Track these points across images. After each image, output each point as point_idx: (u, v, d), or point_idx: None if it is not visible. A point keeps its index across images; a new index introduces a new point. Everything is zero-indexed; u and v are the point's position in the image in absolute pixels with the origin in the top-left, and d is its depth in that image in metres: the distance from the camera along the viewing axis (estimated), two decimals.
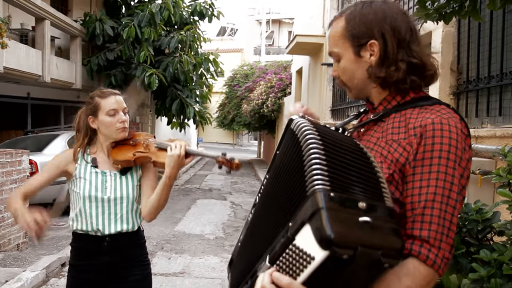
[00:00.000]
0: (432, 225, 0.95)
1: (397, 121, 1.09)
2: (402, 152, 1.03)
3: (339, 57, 1.17)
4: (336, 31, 1.16)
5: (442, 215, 0.96)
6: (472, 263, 1.74)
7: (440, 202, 0.96)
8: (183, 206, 8.92)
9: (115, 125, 1.98)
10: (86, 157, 2.05)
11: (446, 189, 0.97)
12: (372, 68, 1.12)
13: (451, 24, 4.16)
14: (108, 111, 1.97)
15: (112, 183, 2.00)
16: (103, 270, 1.96)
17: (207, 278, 4.93)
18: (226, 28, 33.53)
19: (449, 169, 0.98)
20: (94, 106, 2.00)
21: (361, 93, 1.20)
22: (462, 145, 1.00)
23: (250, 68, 20.70)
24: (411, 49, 1.10)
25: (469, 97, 4.09)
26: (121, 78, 10.13)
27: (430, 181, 0.98)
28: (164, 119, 11.96)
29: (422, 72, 1.11)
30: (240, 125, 20.71)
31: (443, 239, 0.96)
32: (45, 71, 7.98)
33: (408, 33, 1.10)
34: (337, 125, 1.21)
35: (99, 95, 2.02)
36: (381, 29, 1.09)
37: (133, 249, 2.05)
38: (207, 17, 11.19)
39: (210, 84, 12.38)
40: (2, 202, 5.02)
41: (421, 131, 1.01)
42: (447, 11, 2.60)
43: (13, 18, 8.15)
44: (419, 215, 0.97)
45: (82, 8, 10.31)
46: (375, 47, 1.10)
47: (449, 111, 1.05)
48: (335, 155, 0.92)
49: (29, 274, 4.36)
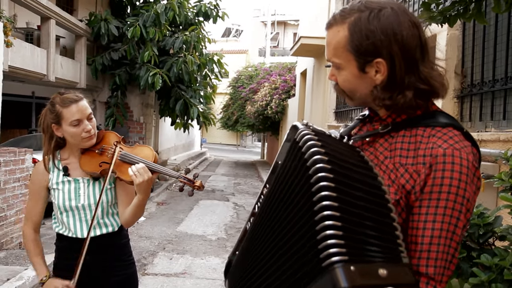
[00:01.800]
0: (438, 261, 0.96)
1: (407, 141, 1.03)
2: (408, 179, 1.00)
3: (340, 67, 1.08)
4: (337, 41, 1.05)
5: (446, 250, 0.96)
6: (473, 267, 1.72)
7: (445, 238, 0.96)
8: (186, 207, 8.92)
9: (80, 135, 1.90)
10: (57, 164, 1.99)
11: (452, 225, 0.96)
12: (377, 91, 1.04)
13: (455, 27, 4.13)
14: (71, 121, 1.87)
15: (85, 190, 1.96)
16: (86, 270, 1.91)
17: (208, 279, 4.93)
18: (231, 29, 33.58)
19: (457, 205, 0.96)
20: (56, 115, 1.89)
21: (364, 104, 1.14)
22: (471, 180, 0.97)
23: (254, 70, 20.71)
24: (419, 70, 1.02)
25: (473, 100, 4.06)
26: (125, 77, 10.15)
27: (437, 217, 0.96)
28: (168, 119, 11.97)
29: (429, 96, 1.05)
30: (244, 126, 20.73)
31: (445, 273, 0.97)
32: (50, 70, 8.01)
33: (418, 50, 1.02)
34: (342, 132, 1.17)
35: (59, 103, 1.88)
36: (389, 50, 1.00)
37: (116, 249, 2.02)
38: (212, 18, 11.19)
39: (214, 85, 12.38)
40: (5, 201, 5.04)
41: (431, 162, 0.97)
42: (452, 14, 2.59)
43: (19, 17, 8.17)
44: (425, 252, 0.97)
45: (88, 7, 10.34)
46: (382, 66, 1.02)
47: (461, 138, 1.00)
48: (348, 195, 0.88)
49: (30, 272, 4.37)
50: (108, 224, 1.99)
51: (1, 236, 5.02)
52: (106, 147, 2.00)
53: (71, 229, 1.96)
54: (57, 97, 1.92)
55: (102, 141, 2.03)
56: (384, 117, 1.11)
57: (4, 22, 5.56)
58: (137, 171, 1.83)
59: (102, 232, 1.96)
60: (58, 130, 1.91)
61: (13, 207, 5.23)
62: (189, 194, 1.91)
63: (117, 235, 2.01)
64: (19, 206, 5.34)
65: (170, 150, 16.07)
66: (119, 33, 9.88)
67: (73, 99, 1.88)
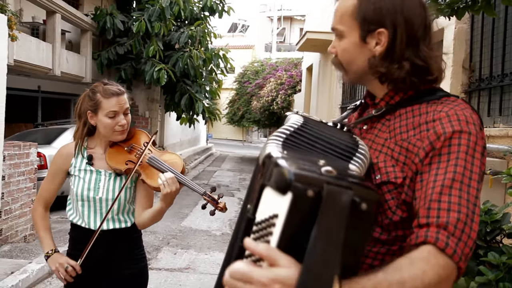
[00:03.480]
0: (451, 213, 0.84)
1: (404, 118, 1.02)
2: (412, 149, 0.97)
3: (342, 35, 1.08)
4: (346, 8, 1.06)
5: (462, 203, 0.85)
6: (479, 266, 1.68)
7: (459, 189, 0.86)
8: (191, 202, 8.91)
9: (113, 128, 1.91)
10: (83, 150, 2.00)
11: (466, 177, 0.88)
12: (374, 60, 1.04)
13: (463, 20, 4.06)
14: (108, 112, 1.89)
15: (105, 184, 1.96)
16: (98, 262, 1.95)
17: (212, 274, 4.91)
18: (237, 24, 33.49)
19: (468, 156, 0.90)
20: (95, 103, 1.91)
21: (359, 79, 1.13)
22: (479, 135, 0.94)
23: (260, 65, 20.66)
24: (419, 48, 1.03)
25: (481, 95, 4.01)
26: (130, 72, 10.14)
27: (448, 168, 0.89)
28: (174, 114, 11.96)
29: (424, 75, 1.03)
30: (250, 122, 20.70)
31: (465, 229, 0.83)
32: (55, 65, 8.00)
33: (421, 30, 1.03)
34: (335, 120, 1.15)
35: (101, 92, 1.90)
36: (394, 20, 1.01)
37: (128, 243, 2.04)
38: (218, 13, 11.15)
39: (219, 80, 12.35)
40: (10, 194, 5.05)
41: (435, 125, 0.95)
42: (460, 6, 2.53)
43: (25, 11, 8.17)
44: (435, 202, 0.86)
45: (93, 2, 10.32)
46: (383, 37, 1.02)
47: (460, 102, 1.00)
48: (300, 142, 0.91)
49: (34, 266, 4.38)
50: (122, 220, 2.00)
51: (6, 229, 5.03)
52: (136, 146, 1.99)
53: (85, 219, 1.97)
54: (100, 85, 1.93)
55: (132, 138, 2.02)
56: (378, 100, 1.11)
57: (9, 16, 5.54)
58: (166, 181, 1.80)
59: (115, 226, 1.98)
60: (92, 118, 1.94)
61: (18, 201, 5.24)
62: (210, 214, 1.86)
63: (130, 229, 2.03)
64: (23, 199, 5.35)
65: (176, 145, 16.08)
66: (125, 28, 9.86)
67: (116, 92, 1.90)
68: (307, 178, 0.71)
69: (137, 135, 2.04)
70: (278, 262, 0.71)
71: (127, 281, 2.01)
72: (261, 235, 0.76)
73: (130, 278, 2.02)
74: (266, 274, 0.70)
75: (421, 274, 0.78)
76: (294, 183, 0.70)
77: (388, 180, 0.97)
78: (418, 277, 0.78)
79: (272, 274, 0.70)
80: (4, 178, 4.95)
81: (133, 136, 2.03)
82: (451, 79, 4.19)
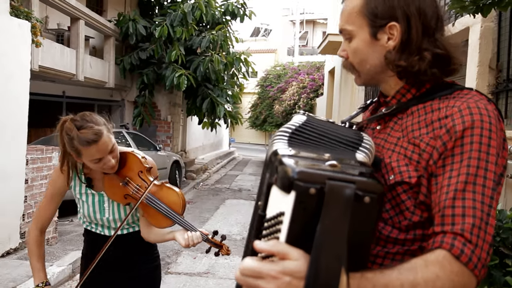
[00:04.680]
0: (466, 218, 0.82)
1: (417, 116, 0.98)
2: (425, 148, 0.92)
3: (352, 36, 1.04)
4: (353, 6, 1.02)
5: (477, 206, 0.82)
6: (506, 276, 1.58)
7: (473, 192, 0.83)
8: (212, 206, 8.91)
9: (102, 168, 1.79)
10: (80, 174, 1.93)
11: (479, 177, 0.84)
12: (391, 54, 0.99)
13: (490, 18, 3.92)
14: (92, 160, 1.74)
15: (109, 205, 1.93)
16: (111, 262, 1.96)
17: (231, 279, 4.86)
18: (260, 28, 33.56)
19: (482, 154, 0.85)
20: (75, 150, 1.73)
21: (372, 80, 1.07)
22: (496, 127, 0.88)
23: (283, 69, 20.64)
24: (435, 38, 0.98)
25: (510, 96, 3.86)
26: (153, 77, 10.25)
27: (461, 170, 0.85)
28: (195, 118, 12.02)
29: (447, 65, 0.98)
30: (272, 126, 20.67)
31: (480, 234, 0.81)
32: (79, 70, 8.15)
33: (434, 20, 0.98)
34: (343, 119, 1.12)
35: (77, 141, 1.68)
36: (406, 11, 0.97)
37: (140, 244, 2.02)
38: (239, 17, 11.18)
39: (241, 84, 12.35)
40: (32, 197, 5.13)
41: (447, 122, 0.90)
42: (486, 3, 2.42)
43: (51, 19, 8.37)
44: (449, 208, 0.84)
45: (117, 8, 10.49)
46: (395, 31, 0.98)
47: (474, 93, 0.94)
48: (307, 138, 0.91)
49: (55, 269, 4.42)
50: (134, 226, 2.01)
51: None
52: (130, 182, 1.87)
53: (99, 228, 1.99)
54: (73, 130, 1.70)
55: (125, 166, 1.89)
56: (389, 98, 1.06)
57: (34, 22, 5.67)
58: (191, 241, 1.77)
59: (129, 231, 1.99)
60: (78, 159, 1.80)
61: None
62: (215, 255, 1.86)
63: None
64: None
65: (198, 149, 16.16)
66: (147, 33, 9.99)
67: (91, 140, 1.68)
68: (310, 176, 0.73)
69: (129, 162, 1.90)
70: (288, 255, 0.73)
71: (144, 279, 2.03)
72: (271, 232, 0.79)
73: (146, 276, 2.03)
74: (275, 268, 0.72)
75: (435, 279, 0.77)
76: (297, 182, 0.72)
77: (402, 180, 0.94)
78: (431, 281, 0.77)
79: (281, 267, 0.72)
80: (27, 181, 5.03)
81: (125, 164, 1.90)
82: (477, 80, 4.05)
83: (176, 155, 10.57)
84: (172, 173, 10.03)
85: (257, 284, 0.73)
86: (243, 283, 0.75)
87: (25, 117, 5.05)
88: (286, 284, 0.71)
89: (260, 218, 0.83)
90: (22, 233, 4.97)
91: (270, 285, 0.72)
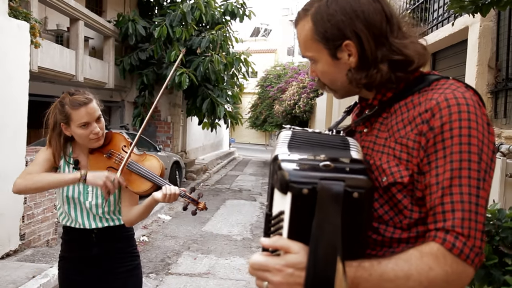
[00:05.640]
0: (456, 213, 0.86)
1: (400, 113, 1.00)
2: (413, 146, 0.94)
3: (315, 60, 1.07)
4: (305, 34, 1.05)
5: (465, 199, 0.86)
6: (505, 275, 1.58)
7: (459, 186, 0.87)
8: (212, 206, 8.91)
9: (88, 136, 1.91)
10: (69, 156, 2.01)
11: (464, 169, 0.87)
12: (352, 73, 1.02)
13: (489, 17, 3.92)
14: (79, 123, 1.88)
15: (93, 189, 1.98)
16: (93, 261, 2.00)
17: (232, 279, 4.87)
18: (260, 28, 33.58)
19: (463, 146, 0.88)
20: (65, 116, 1.89)
21: (349, 93, 1.11)
22: (475, 114, 0.89)
23: (283, 69, 20.65)
24: (390, 43, 0.99)
25: (509, 95, 3.86)
26: (152, 77, 10.26)
27: (445, 166, 0.88)
28: (195, 118, 12.01)
29: (407, 67, 1.00)
30: (272, 126, 20.70)
31: (471, 225, 0.85)
32: (79, 71, 8.15)
33: (384, 23, 0.99)
34: (330, 126, 1.16)
35: (69, 104, 1.88)
36: (353, 29, 0.98)
37: (121, 241, 2.08)
38: (239, 17, 11.17)
39: (241, 84, 12.35)
40: (32, 199, 5.12)
41: (427, 117, 0.92)
42: (485, 3, 2.42)
43: (50, 19, 8.36)
44: (439, 206, 0.88)
45: (116, 8, 10.49)
46: (352, 48, 1.00)
47: (451, 82, 0.96)
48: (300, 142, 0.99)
49: (55, 270, 4.40)
50: (114, 218, 2.05)
51: (29, 234, 5.11)
52: (114, 152, 2.02)
53: (78, 220, 2.00)
54: (66, 97, 1.91)
55: (110, 143, 2.04)
56: (370, 101, 1.08)
57: (32, 23, 5.66)
58: (168, 193, 1.86)
59: (109, 224, 2.02)
60: (67, 130, 1.94)
61: (40, 206, 5.31)
62: (192, 213, 1.95)
63: (122, 227, 2.07)
64: (46, 204, 5.42)
65: (198, 149, 16.16)
66: (147, 33, 9.99)
67: (82, 102, 1.88)
68: (303, 177, 0.84)
69: (114, 139, 2.06)
70: (289, 249, 0.84)
71: (124, 277, 2.05)
72: (276, 228, 0.90)
73: (126, 275, 2.06)
74: (279, 262, 0.85)
75: (428, 270, 0.84)
76: (291, 184, 0.83)
77: (394, 181, 0.96)
78: (424, 272, 0.84)
79: (284, 261, 0.84)
80: None
81: (111, 141, 2.05)
82: (476, 79, 4.05)
83: (176, 156, 10.57)
84: (172, 173, 10.02)
85: (266, 277, 0.86)
86: (254, 275, 0.88)
87: (24, 118, 5.05)
88: (290, 275, 0.83)
89: (267, 217, 0.93)
90: (21, 235, 4.97)
91: (276, 277, 0.84)
